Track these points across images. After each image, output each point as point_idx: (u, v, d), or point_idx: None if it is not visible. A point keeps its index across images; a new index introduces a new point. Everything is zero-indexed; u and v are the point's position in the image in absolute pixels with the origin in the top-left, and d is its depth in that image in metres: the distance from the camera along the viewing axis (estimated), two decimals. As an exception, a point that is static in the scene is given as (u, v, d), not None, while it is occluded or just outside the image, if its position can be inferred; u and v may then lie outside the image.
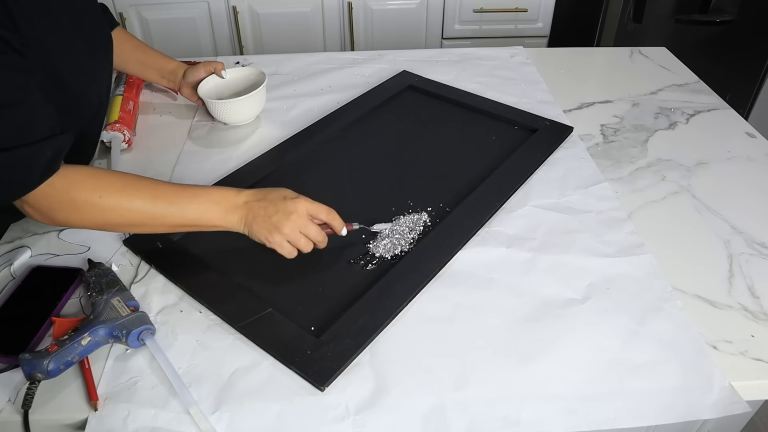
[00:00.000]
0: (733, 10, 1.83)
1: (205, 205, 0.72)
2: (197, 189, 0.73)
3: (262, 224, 0.72)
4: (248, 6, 1.88)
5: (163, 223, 0.71)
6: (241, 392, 0.62)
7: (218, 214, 0.72)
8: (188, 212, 0.71)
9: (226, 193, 0.73)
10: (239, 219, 0.73)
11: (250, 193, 0.74)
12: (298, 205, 0.73)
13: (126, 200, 0.69)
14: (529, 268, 0.77)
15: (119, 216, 0.69)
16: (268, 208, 0.72)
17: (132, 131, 1.02)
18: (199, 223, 0.72)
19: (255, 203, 0.73)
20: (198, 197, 0.72)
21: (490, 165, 0.95)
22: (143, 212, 0.70)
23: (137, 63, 1.07)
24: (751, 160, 0.99)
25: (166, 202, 0.71)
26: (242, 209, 0.73)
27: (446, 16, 1.95)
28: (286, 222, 0.71)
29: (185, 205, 0.71)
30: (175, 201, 0.71)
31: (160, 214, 0.71)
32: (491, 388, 0.63)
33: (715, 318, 0.71)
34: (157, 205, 0.70)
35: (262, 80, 1.06)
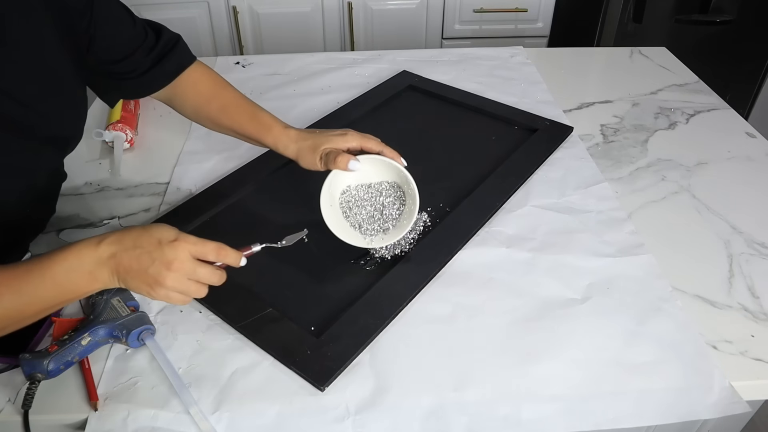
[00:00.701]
0: (733, 10, 1.83)
1: (61, 277, 0.57)
2: (46, 261, 0.57)
3: (139, 279, 0.58)
4: (248, 6, 1.88)
5: (22, 316, 0.58)
6: (241, 392, 0.62)
7: (83, 279, 0.57)
8: (45, 294, 0.57)
9: (83, 251, 0.57)
10: (110, 275, 0.58)
11: (113, 241, 0.58)
12: (178, 251, 0.58)
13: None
14: (529, 268, 0.77)
15: None
16: (142, 259, 0.57)
17: (134, 131, 1.02)
18: (66, 297, 0.58)
19: (123, 253, 0.57)
20: (49, 270, 0.56)
21: (490, 165, 0.95)
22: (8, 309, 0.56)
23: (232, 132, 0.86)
24: (751, 160, 0.99)
25: (12, 293, 0.56)
26: (110, 262, 0.58)
27: (446, 16, 1.95)
28: (167, 273, 0.57)
29: (36, 287, 0.56)
30: (21, 288, 0.56)
31: (15, 309, 0.56)
32: (491, 388, 0.63)
33: (715, 318, 0.71)
34: (3, 301, 0.55)
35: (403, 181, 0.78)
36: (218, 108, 0.85)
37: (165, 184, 0.94)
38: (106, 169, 0.97)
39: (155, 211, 0.88)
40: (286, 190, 0.92)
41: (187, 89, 0.86)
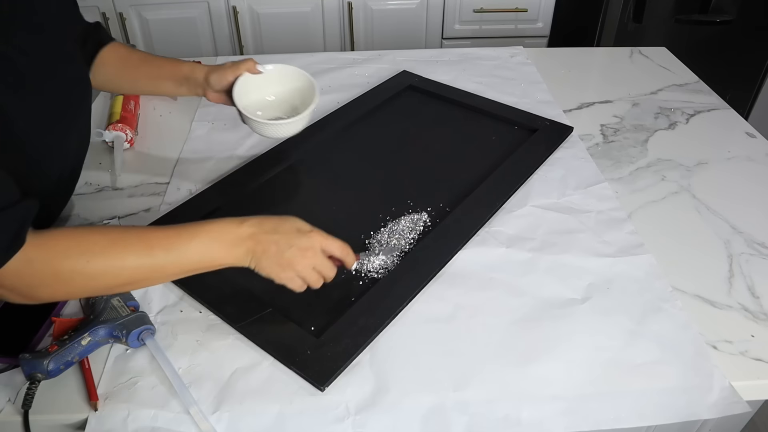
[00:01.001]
0: (733, 10, 1.83)
1: (205, 244, 0.64)
2: (194, 227, 0.65)
3: (273, 260, 0.65)
4: (248, 6, 1.88)
5: (163, 273, 0.64)
6: (241, 392, 0.62)
7: (222, 250, 0.65)
8: (189, 256, 0.63)
9: (228, 226, 0.65)
10: (245, 252, 0.65)
11: (255, 224, 0.66)
12: (313, 240, 0.67)
13: (118, 259, 0.60)
14: (529, 268, 0.77)
15: (113, 278, 0.61)
16: (281, 243, 0.65)
17: (134, 131, 1.02)
18: (203, 264, 0.65)
19: (264, 236, 0.65)
20: (197, 236, 0.64)
21: (490, 165, 0.95)
22: (140, 267, 0.61)
23: (147, 78, 0.94)
24: (751, 160, 0.99)
25: (162, 250, 0.62)
26: (248, 242, 0.65)
27: (446, 16, 1.95)
28: (301, 259, 0.66)
29: (184, 249, 0.63)
30: (172, 247, 0.63)
31: (159, 266, 0.63)
32: (491, 388, 0.63)
33: (715, 318, 0.71)
34: (153, 256, 0.62)
35: (310, 94, 0.88)
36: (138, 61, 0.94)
37: (165, 184, 0.94)
38: (106, 169, 0.97)
39: (155, 211, 0.88)
40: (286, 190, 0.92)
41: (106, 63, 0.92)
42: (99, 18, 1.83)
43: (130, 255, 0.61)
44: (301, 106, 0.89)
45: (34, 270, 0.57)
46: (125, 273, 0.61)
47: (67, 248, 0.59)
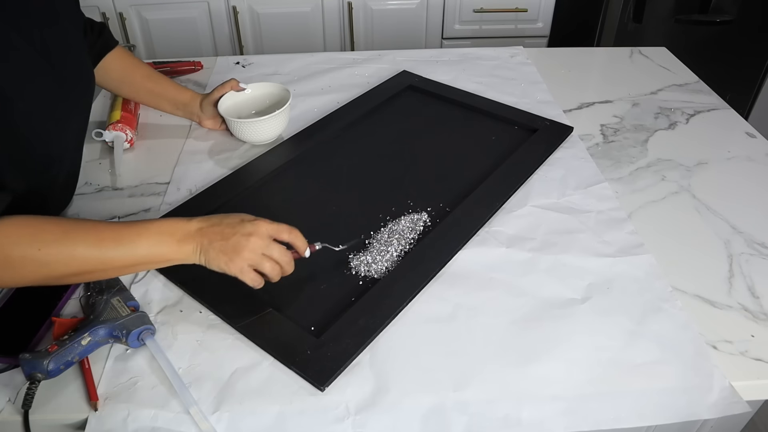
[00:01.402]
0: (733, 10, 1.83)
1: (154, 239, 0.65)
2: (144, 224, 0.66)
3: (219, 250, 0.66)
4: (248, 6, 1.88)
5: (111, 266, 0.65)
6: (241, 392, 0.62)
7: (170, 246, 0.65)
8: (137, 250, 0.64)
9: (176, 223, 0.67)
10: (194, 248, 0.66)
11: (202, 219, 0.68)
12: (257, 226, 0.67)
13: (68, 248, 0.62)
14: (529, 268, 0.77)
15: (63, 266, 0.62)
16: (225, 232, 0.66)
17: (134, 131, 1.02)
18: (151, 259, 0.66)
19: (209, 228, 0.66)
20: (146, 232, 0.65)
21: (490, 165, 0.95)
22: (88, 258, 0.63)
23: (149, 93, 1.03)
24: (751, 160, 0.99)
25: (111, 243, 0.64)
26: (196, 237, 0.66)
27: (446, 16, 1.95)
28: (246, 244, 0.65)
29: (133, 244, 0.64)
30: (121, 241, 0.64)
31: (108, 258, 0.64)
32: (491, 388, 0.63)
33: (715, 318, 0.71)
34: (103, 248, 0.63)
35: (286, 97, 1.01)
36: (141, 75, 1.02)
37: (165, 184, 0.94)
38: (106, 169, 0.97)
39: (155, 211, 0.88)
40: (286, 190, 0.92)
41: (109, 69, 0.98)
42: (99, 18, 1.83)
43: (80, 245, 0.62)
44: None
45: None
46: (75, 263, 0.62)
47: (20, 236, 0.61)
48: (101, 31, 0.95)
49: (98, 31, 0.95)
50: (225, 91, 1.01)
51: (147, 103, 1.06)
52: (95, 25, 0.96)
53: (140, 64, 1.03)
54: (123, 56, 0.99)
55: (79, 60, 0.79)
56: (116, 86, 1.01)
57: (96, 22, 0.96)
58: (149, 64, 1.24)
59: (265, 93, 1.05)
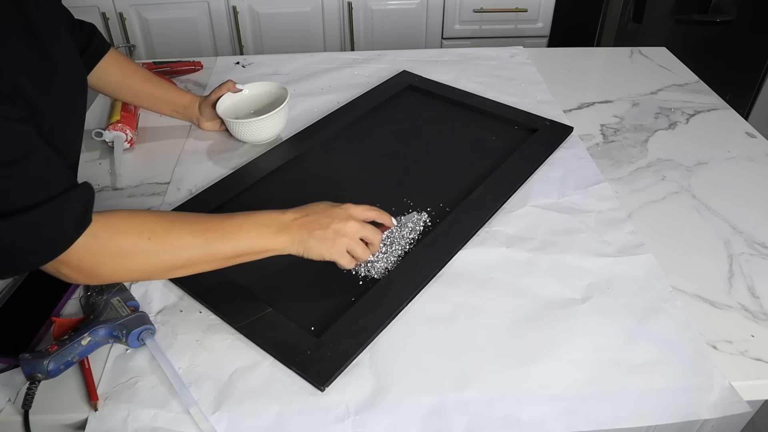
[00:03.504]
0: (733, 10, 1.83)
1: (254, 231, 0.67)
2: (242, 216, 0.68)
3: (319, 239, 0.69)
4: (248, 6, 1.88)
5: (215, 258, 0.66)
6: (241, 392, 0.62)
7: (269, 237, 0.68)
8: (239, 242, 0.66)
9: (272, 216, 0.69)
10: (291, 239, 0.68)
11: (294, 211, 0.70)
12: (349, 210, 0.71)
13: (176, 238, 0.63)
14: (529, 268, 0.77)
15: (171, 256, 0.63)
16: (322, 221, 0.69)
17: (134, 131, 1.02)
18: (251, 250, 0.68)
19: (304, 219, 0.69)
20: (246, 224, 0.67)
21: (490, 165, 0.95)
22: (194, 249, 0.64)
23: (149, 97, 1.03)
24: (751, 160, 0.99)
25: (215, 234, 0.65)
26: (293, 228, 0.69)
27: (446, 16, 1.95)
28: (345, 230, 0.69)
29: (235, 236, 0.66)
30: (225, 232, 0.66)
31: (212, 249, 0.65)
32: (491, 388, 0.63)
33: (715, 318, 0.71)
34: (207, 239, 0.64)
35: (283, 96, 1.01)
36: (140, 79, 1.01)
37: (165, 184, 0.94)
38: (106, 169, 0.97)
39: (155, 211, 0.88)
40: (286, 190, 0.92)
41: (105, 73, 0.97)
42: (99, 18, 1.83)
43: (186, 236, 0.64)
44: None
45: (99, 246, 0.59)
46: (182, 253, 0.64)
47: (130, 226, 0.62)
48: (92, 34, 0.93)
49: (89, 32, 0.93)
50: (222, 92, 1.01)
51: (146, 106, 1.05)
52: (84, 25, 0.93)
53: (138, 67, 1.02)
54: (119, 60, 0.98)
55: (71, 54, 0.78)
56: (114, 90, 1.00)
57: (85, 23, 0.93)
58: (148, 64, 1.24)
59: (262, 92, 1.06)
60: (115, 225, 0.61)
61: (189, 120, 1.06)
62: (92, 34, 0.93)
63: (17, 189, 0.55)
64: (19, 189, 0.55)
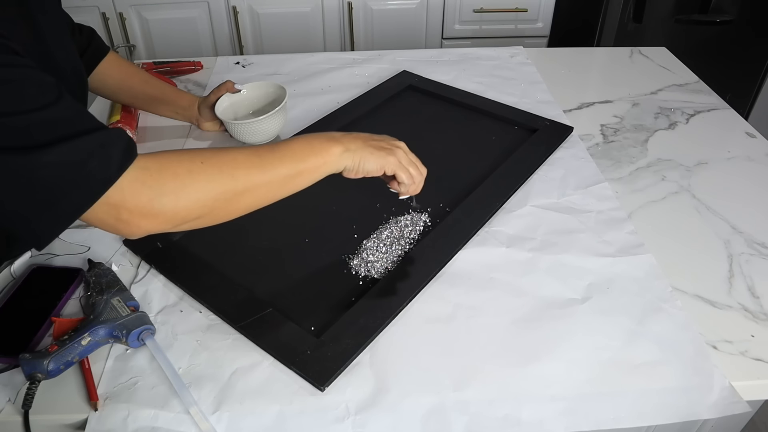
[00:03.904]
0: (733, 10, 1.83)
1: (305, 144, 0.66)
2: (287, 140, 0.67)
3: (374, 147, 0.69)
4: (248, 6, 1.88)
5: (274, 177, 0.63)
6: (241, 392, 0.62)
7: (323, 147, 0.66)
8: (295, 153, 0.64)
9: (320, 135, 0.68)
10: (345, 148, 0.67)
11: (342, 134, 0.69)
12: (397, 141, 0.72)
13: (229, 159, 0.61)
14: (529, 268, 0.77)
15: (230, 179, 0.60)
16: (374, 137, 0.71)
17: (134, 131, 1.02)
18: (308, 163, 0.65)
19: (355, 134, 0.69)
20: (293, 142, 0.66)
21: (490, 165, 0.95)
22: (252, 168, 0.61)
23: (148, 99, 1.03)
24: (751, 160, 0.99)
25: (267, 152, 0.63)
26: (345, 139, 0.68)
27: (446, 16, 1.95)
28: (397, 149, 0.70)
29: (287, 150, 0.64)
30: (276, 149, 0.64)
31: (269, 165, 0.62)
32: (491, 388, 0.63)
33: (715, 318, 0.71)
34: (261, 156, 0.62)
35: (282, 96, 1.01)
36: (140, 81, 1.02)
37: (165, 184, 0.93)
38: (106, 169, 0.97)
39: (155, 211, 0.88)
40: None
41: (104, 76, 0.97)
42: (99, 18, 1.83)
43: (239, 156, 0.61)
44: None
45: (152, 177, 0.56)
46: (240, 174, 0.60)
47: (179, 155, 0.59)
48: (91, 37, 0.94)
49: (88, 35, 0.93)
50: (221, 93, 1.02)
51: (146, 108, 1.05)
52: (84, 29, 0.94)
53: (137, 69, 1.02)
54: (119, 62, 0.98)
55: (73, 56, 0.78)
56: (113, 93, 1.00)
57: (84, 26, 0.94)
58: (149, 64, 1.24)
59: (261, 93, 1.06)
60: (164, 156, 0.58)
61: (189, 121, 1.07)
62: (91, 37, 0.94)
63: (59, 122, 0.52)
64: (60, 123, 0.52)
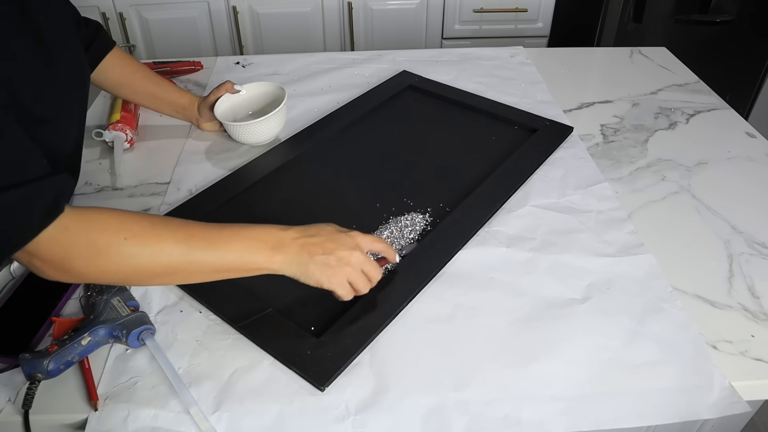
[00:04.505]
0: (733, 10, 1.83)
1: (246, 244, 0.62)
2: (236, 227, 0.64)
3: (321, 263, 0.64)
4: (248, 6, 1.88)
5: (200, 269, 0.62)
6: (241, 392, 0.62)
7: (263, 254, 0.63)
8: (228, 255, 0.62)
9: (270, 230, 0.64)
10: (289, 260, 0.64)
11: (297, 230, 0.65)
12: (356, 239, 0.67)
13: (156, 243, 0.59)
14: (529, 268, 0.77)
15: (149, 260, 0.59)
16: (326, 245, 0.64)
17: (134, 131, 1.02)
18: (242, 266, 0.63)
19: (307, 240, 0.64)
20: (237, 235, 0.63)
21: (490, 165, 0.95)
22: (176, 256, 0.60)
23: (149, 96, 1.02)
24: (751, 160, 0.99)
25: (201, 242, 0.61)
26: (292, 248, 0.64)
27: (446, 16, 1.94)
28: (349, 260, 0.65)
29: (224, 246, 0.62)
30: (212, 242, 0.61)
31: (197, 259, 0.60)
32: (491, 388, 0.63)
33: (715, 318, 0.71)
34: (191, 247, 0.60)
35: (281, 96, 1.01)
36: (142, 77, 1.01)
37: (165, 184, 0.94)
38: (106, 169, 0.97)
39: (155, 212, 0.88)
40: (285, 190, 0.92)
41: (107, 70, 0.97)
42: (99, 18, 1.83)
43: (169, 241, 0.59)
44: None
45: (71, 239, 0.56)
46: (162, 258, 0.59)
47: (107, 223, 0.58)
48: (97, 31, 0.94)
49: (94, 29, 0.94)
50: (220, 93, 1.01)
51: (146, 105, 1.05)
52: (90, 23, 0.94)
53: (140, 65, 1.02)
54: (122, 57, 0.99)
55: (77, 55, 0.77)
56: (115, 87, 1.01)
57: (91, 20, 0.94)
58: (148, 64, 1.24)
59: (260, 93, 1.06)
60: (91, 220, 0.58)
61: (188, 120, 1.07)
62: (97, 31, 0.94)
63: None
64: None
